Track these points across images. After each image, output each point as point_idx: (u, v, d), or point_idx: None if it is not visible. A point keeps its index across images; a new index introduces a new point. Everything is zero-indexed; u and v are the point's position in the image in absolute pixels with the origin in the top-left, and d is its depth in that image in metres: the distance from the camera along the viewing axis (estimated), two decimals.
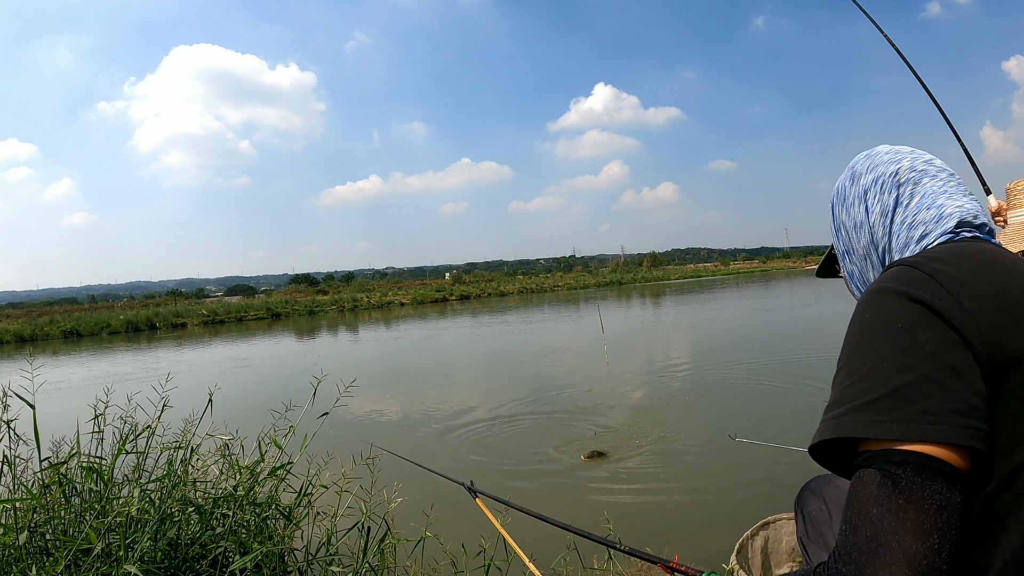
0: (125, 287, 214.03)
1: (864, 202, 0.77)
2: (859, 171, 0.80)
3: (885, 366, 0.51)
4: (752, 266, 79.16)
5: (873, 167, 0.78)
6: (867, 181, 0.78)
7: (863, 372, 0.53)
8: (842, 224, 0.82)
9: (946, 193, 0.72)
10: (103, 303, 48.49)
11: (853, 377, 0.54)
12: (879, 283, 0.59)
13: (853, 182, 0.80)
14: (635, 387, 6.99)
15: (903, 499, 0.46)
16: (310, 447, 2.26)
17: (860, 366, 0.53)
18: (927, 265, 0.58)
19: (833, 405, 0.55)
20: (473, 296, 39.41)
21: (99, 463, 2.07)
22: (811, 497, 1.09)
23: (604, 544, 1.49)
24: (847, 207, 0.80)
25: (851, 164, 0.83)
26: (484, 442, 5.05)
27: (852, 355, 0.55)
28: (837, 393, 0.55)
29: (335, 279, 77.49)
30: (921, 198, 0.72)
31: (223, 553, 1.89)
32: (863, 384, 0.52)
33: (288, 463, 2.23)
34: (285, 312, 33.23)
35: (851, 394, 0.53)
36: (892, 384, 0.50)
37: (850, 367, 0.55)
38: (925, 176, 0.74)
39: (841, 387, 0.55)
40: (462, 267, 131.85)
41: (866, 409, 0.51)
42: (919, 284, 0.55)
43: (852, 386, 0.53)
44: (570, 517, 1.98)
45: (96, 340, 23.60)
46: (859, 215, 0.78)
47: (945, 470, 0.47)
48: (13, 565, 1.62)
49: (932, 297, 0.53)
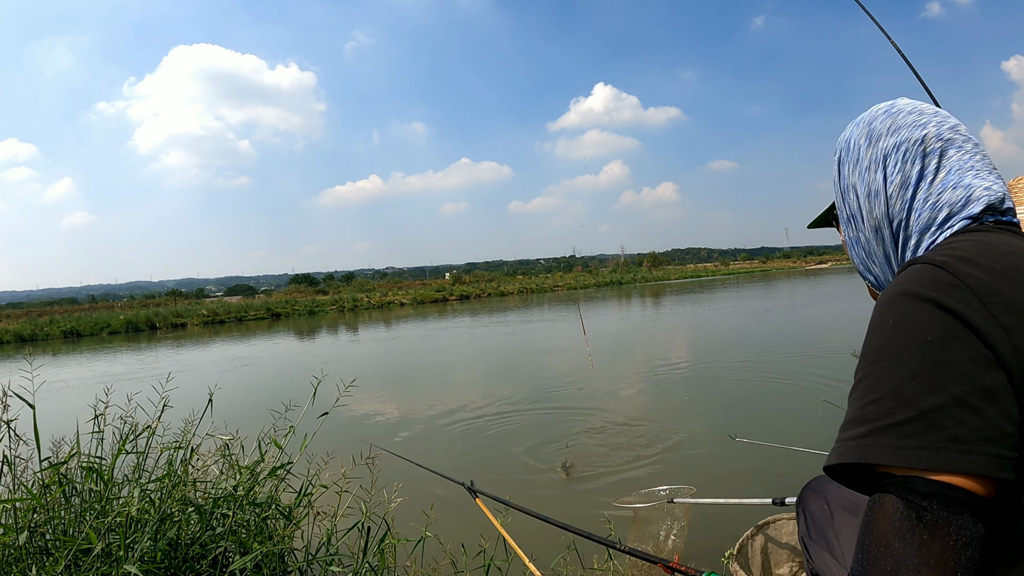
0: (125, 287, 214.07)
1: (883, 169, 0.70)
2: (878, 131, 0.72)
3: (912, 384, 0.47)
4: (752, 266, 79.17)
5: (895, 129, 0.70)
6: (888, 145, 0.70)
7: (886, 388, 0.49)
8: (851, 187, 0.74)
9: (973, 170, 0.66)
10: (103, 303, 48.50)
11: (875, 393, 0.49)
12: (904, 284, 0.54)
13: (870, 143, 0.72)
14: (635, 387, 6.99)
15: (927, 534, 0.44)
16: (310, 447, 2.26)
17: (883, 381, 0.49)
18: (958, 268, 0.52)
19: (853, 423, 0.50)
20: (473, 296, 39.41)
21: (99, 463, 2.07)
22: (813, 496, 1.09)
23: (604, 544, 1.49)
24: (860, 170, 0.73)
25: (867, 119, 0.74)
26: (484, 442, 5.05)
27: (874, 368, 0.51)
28: (857, 409, 0.51)
29: (335, 279, 77.51)
30: (947, 174, 0.66)
31: (223, 553, 1.89)
32: (887, 403, 0.48)
33: (288, 463, 2.23)
34: (285, 312, 33.23)
35: (873, 412, 0.49)
36: (920, 406, 0.46)
37: (872, 381, 0.50)
38: (951, 147, 0.68)
39: (862, 403, 0.50)
40: (462, 267, 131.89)
41: (891, 432, 0.47)
42: (950, 291, 0.50)
43: (875, 404, 0.49)
44: (570, 517, 1.98)
45: (96, 340, 23.60)
46: (875, 182, 0.70)
47: (973, 503, 0.44)
48: (13, 565, 1.62)
49: (964, 308, 0.49)
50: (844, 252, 0.82)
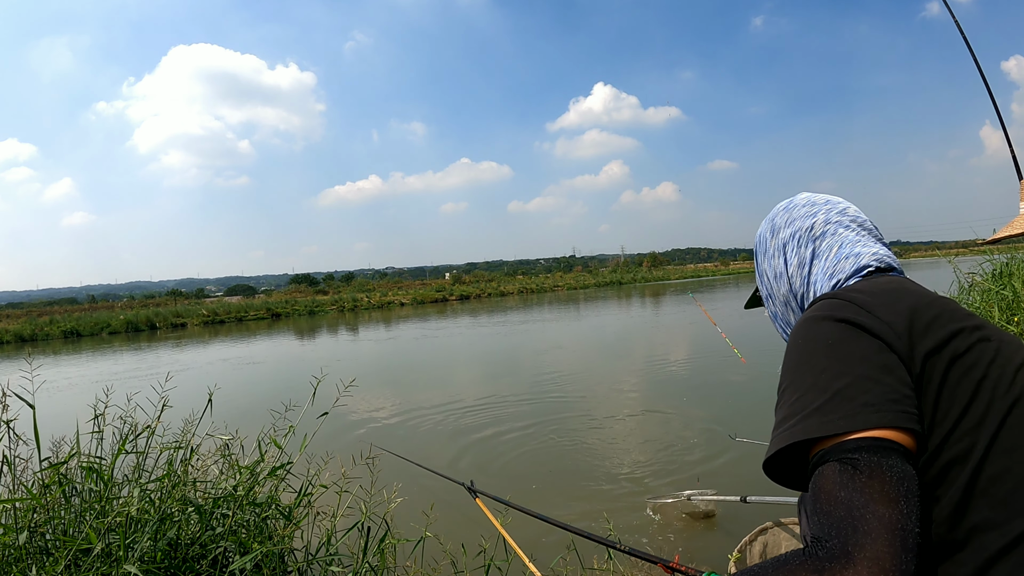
0: (125, 287, 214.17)
1: (783, 255, 0.84)
2: (778, 224, 0.85)
3: (824, 376, 0.57)
4: (752, 266, 79.25)
5: (791, 221, 0.84)
6: (785, 235, 0.84)
7: (805, 386, 0.58)
8: (764, 272, 0.88)
9: (861, 242, 0.79)
10: (103, 303, 48.49)
11: (798, 392, 0.58)
12: (807, 313, 0.66)
13: (773, 235, 0.86)
14: (633, 385, 6.98)
15: (865, 477, 0.50)
16: (310, 447, 2.26)
17: (802, 382, 0.58)
18: (844, 294, 0.66)
19: (783, 420, 0.59)
20: (473, 296, 39.40)
21: (99, 463, 2.07)
22: None
23: (604, 544, 1.49)
24: (767, 258, 0.87)
25: (771, 216, 0.88)
26: (484, 441, 5.05)
27: (794, 375, 0.61)
28: (785, 409, 0.59)
29: (335, 279, 77.49)
30: (840, 248, 0.78)
31: (223, 553, 1.89)
32: (808, 395, 0.57)
33: (288, 463, 2.23)
34: (285, 312, 33.22)
35: (799, 407, 0.57)
36: (833, 388, 0.55)
37: (794, 385, 0.60)
38: (840, 227, 0.80)
39: (788, 404, 0.59)
40: (462, 267, 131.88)
41: (814, 415, 0.55)
42: (840, 308, 0.62)
43: (798, 400, 0.58)
44: (570, 517, 1.98)
45: (96, 340, 23.60)
46: (779, 266, 0.84)
47: (897, 448, 0.52)
48: (13, 565, 1.62)
49: (854, 316, 0.61)
50: None
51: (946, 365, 0.58)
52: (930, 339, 0.59)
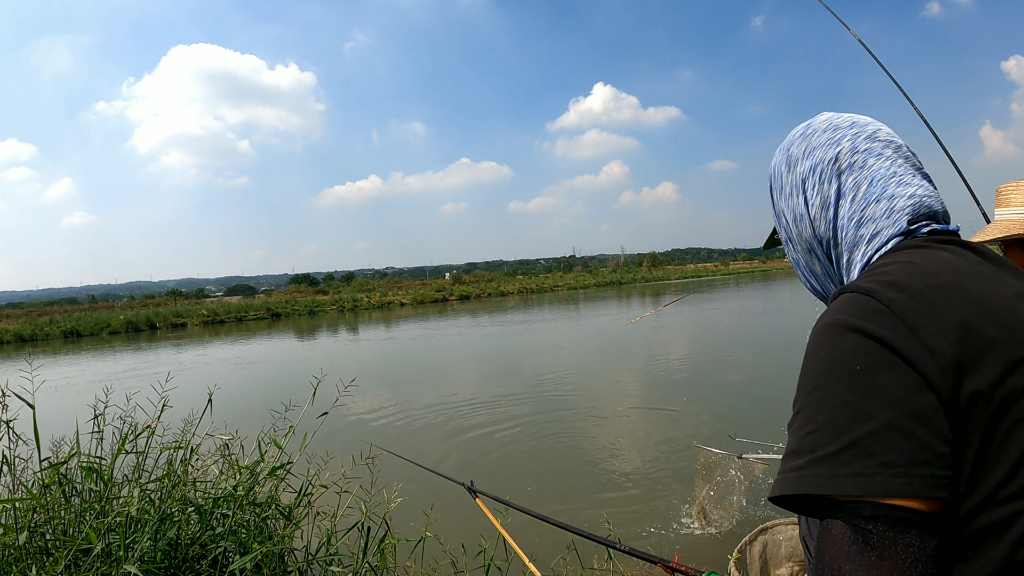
0: (125, 287, 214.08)
1: (802, 193, 0.71)
2: (795, 156, 0.72)
3: (844, 413, 0.49)
4: (752, 266, 79.15)
5: (810, 151, 0.71)
6: (804, 168, 0.71)
7: (821, 419, 0.50)
8: (781, 212, 0.76)
9: (896, 177, 0.66)
10: (103, 303, 48.48)
11: (811, 424, 0.51)
12: (832, 315, 0.55)
13: (789, 169, 0.73)
14: (633, 386, 6.98)
15: (875, 556, 0.45)
16: (310, 447, 2.26)
17: (817, 412, 0.51)
18: (883, 294, 0.53)
19: (792, 455, 0.52)
20: (473, 296, 39.41)
21: (99, 463, 2.07)
22: None
23: (604, 544, 1.49)
24: (784, 196, 0.74)
25: (785, 145, 0.75)
26: (484, 442, 5.05)
27: (808, 399, 0.52)
28: (796, 441, 0.52)
29: (335, 279, 77.49)
30: (869, 186, 0.66)
31: (223, 553, 1.88)
32: (822, 433, 0.50)
33: (288, 463, 2.22)
34: (285, 312, 33.23)
35: (810, 444, 0.50)
36: (852, 434, 0.48)
37: (807, 413, 0.52)
38: (870, 156, 0.67)
39: (799, 435, 0.52)
40: (462, 267, 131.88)
41: (827, 462, 0.48)
42: (875, 317, 0.52)
43: (811, 435, 0.50)
44: (570, 517, 1.98)
45: (96, 340, 23.60)
46: (798, 207, 0.72)
47: (917, 520, 0.45)
48: (13, 565, 1.62)
49: (890, 334, 0.50)
50: None
51: (996, 409, 0.48)
52: (981, 375, 0.48)
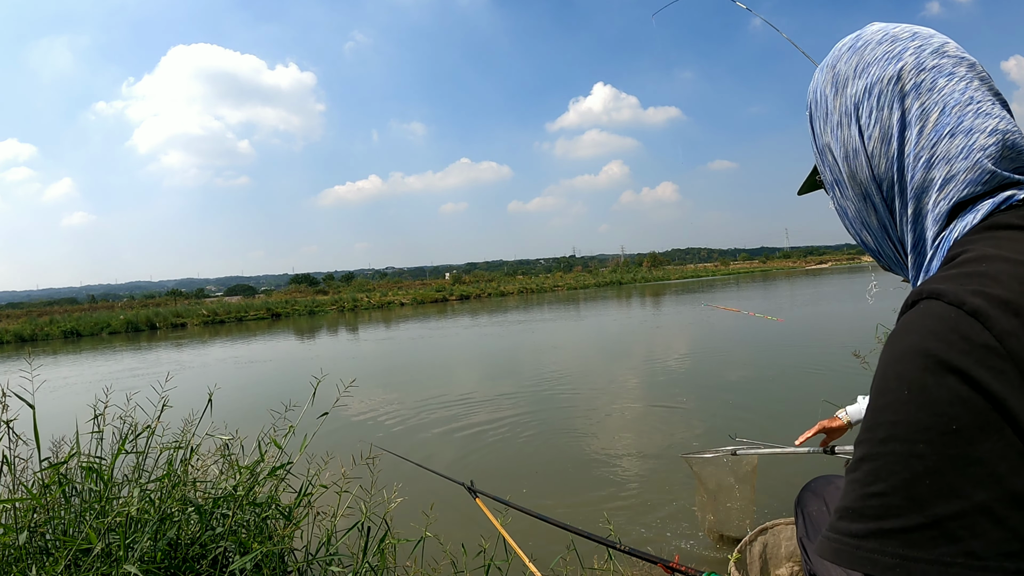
0: (125, 287, 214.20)
1: (856, 121, 0.57)
2: (843, 74, 0.59)
3: (928, 484, 0.39)
4: (752, 266, 79.21)
5: (864, 67, 0.57)
6: (857, 90, 0.57)
7: (895, 482, 0.41)
8: (827, 147, 0.61)
9: (973, 104, 0.53)
10: (103, 303, 48.51)
11: (882, 484, 0.41)
12: (924, 339, 0.43)
13: (836, 91, 0.59)
14: (633, 385, 6.99)
15: None
16: (310, 447, 2.26)
17: (892, 472, 0.41)
18: (997, 321, 0.41)
19: (853, 514, 0.43)
20: (473, 296, 39.41)
21: (99, 463, 2.07)
22: (812, 498, 1.08)
23: (604, 544, 1.49)
24: (832, 126, 0.60)
25: (830, 60, 0.61)
26: (484, 441, 5.05)
27: (882, 448, 0.42)
28: (858, 498, 0.42)
29: (335, 279, 77.56)
30: (940, 115, 0.53)
31: (223, 553, 1.89)
32: (895, 500, 0.40)
33: (288, 463, 2.23)
34: (285, 312, 33.24)
35: (877, 509, 0.41)
36: (934, 512, 0.39)
37: (879, 466, 0.42)
38: (939, 76, 0.54)
39: (864, 491, 0.42)
40: (462, 267, 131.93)
41: (897, 538, 0.40)
42: (985, 359, 0.40)
43: (880, 497, 0.41)
44: (570, 517, 1.98)
45: (96, 340, 23.60)
46: (850, 139, 0.58)
47: None
48: (13, 565, 1.62)
49: (1002, 386, 0.39)
50: (844, 252, 0.72)
51: None
52: None
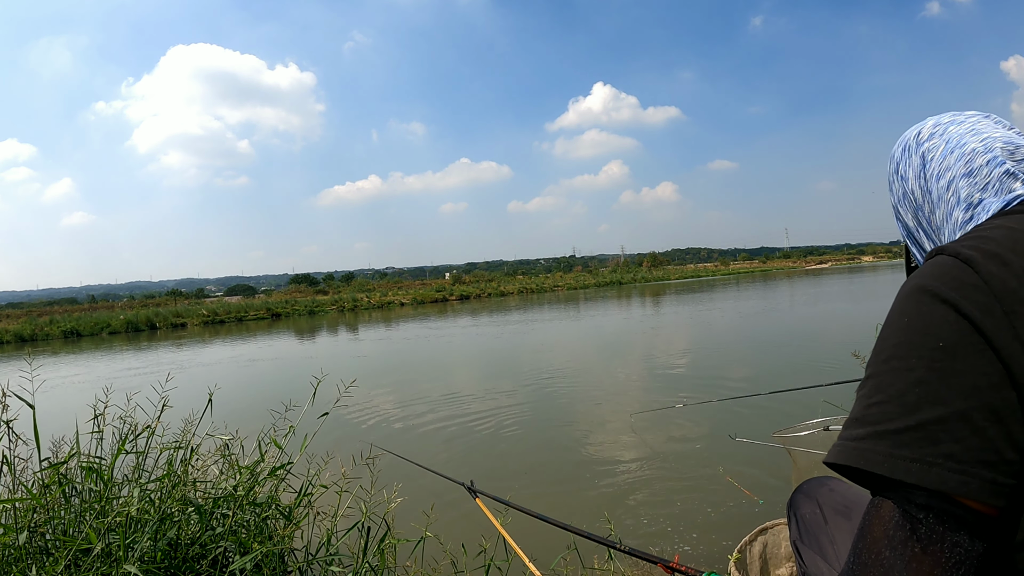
0: (125, 287, 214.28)
1: (898, 174, 0.76)
2: (892, 153, 0.78)
3: (916, 392, 0.46)
4: (752, 266, 79.19)
5: (901, 140, 0.77)
6: (896, 153, 0.76)
7: (891, 392, 0.48)
8: (896, 209, 0.79)
9: (972, 131, 0.68)
10: (103, 303, 48.50)
11: (880, 395, 0.48)
12: (924, 278, 0.51)
13: (890, 165, 0.78)
14: (633, 385, 6.99)
15: (919, 548, 0.43)
16: (310, 447, 2.26)
17: (889, 384, 0.48)
18: (984, 266, 0.49)
19: (855, 422, 0.49)
20: (473, 296, 39.41)
21: (99, 463, 2.07)
22: (804, 500, 1.07)
23: (604, 544, 1.49)
24: (893, 193, 0.78)
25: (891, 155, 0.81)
26: (484, 441, 5.05)
27: (883, 367, 0.49)
28: (861, 409, 0.50)
29: (335, 279, 77.56)
30: (945, 144, 0.69)
31: (223, 553, 1.88)
32: (889, 407, 0.47)
33: (288, 463, 2.23)
34: (285, 312, 33.23)
35: (875, 415, 0.48)
36: (920, 416, 0.45)
37: (878, 381, 0.49)
38: (951, 125, 0.71)
39: (866, 403, 0.49)
40: (462, 267, 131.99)
41: (888, 439, 0.46)
42: (971, 292, 0.47)
43: (878, 406, 0.48)
44: (570, 517, 1.98)
45: (96, 340, 23.60)
46: (898, 188, 0.76)
47: (971, 520, 0.43)
48: (13, 565, 1.62)
49: (983, 315, 0.46)
50: (844, 251, 0.83)
51: None
52: None
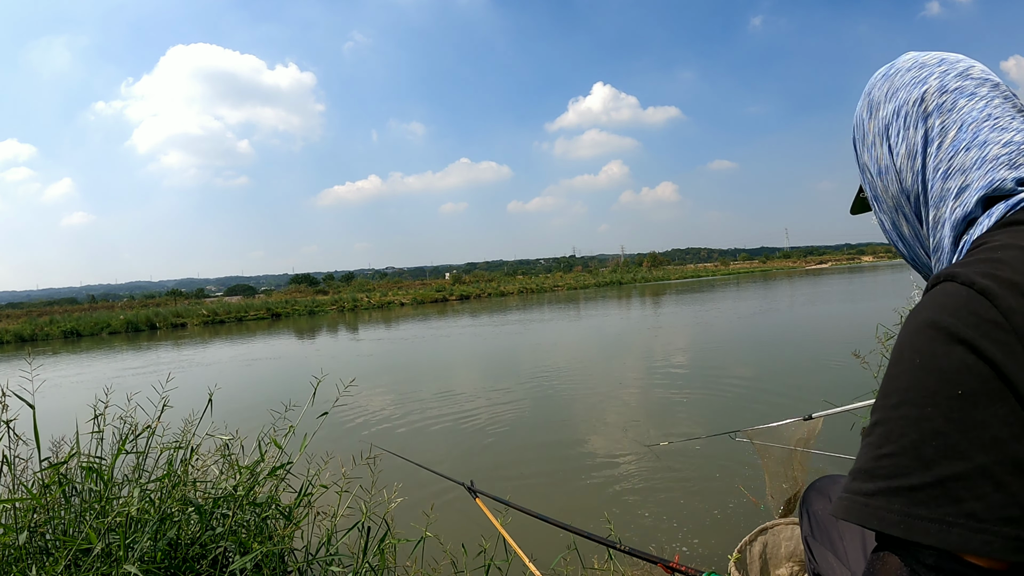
0: (125, 287, 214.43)
1: (886, 140, 0.64)
2: (876, 99, 0.66)
3: (934, 445, 0.42)
4: (752, 266, 79.23)
5: (893, 92, 0.64)
6: (887, 113, 0.64)
7: (904, 443, 0.44)
8: (865, 166, 0.69)
9: (990, 120, 0.58)
10: (103, 303, 48.51)
11: (892, 445, 0.44)
12: (936, 312, 0.46)
13: (871, 114, 0.66)
14: (634, 385, 6.99)
15: None
16: (310, 447, 2.26)
17: (902, 434, 0.44)
18: (1003, 299, 0.44)
19: (864, 474, 0.46)
20: (473, 296, 39.41)
21: (99, 463, 2.07)
22: (817, 497, 1.08)
23: (604, 544, 1.49)
24: (867, 147, 0.67)
25: (868, 89, 0.69)
26: (484, 441, 5.05)
27: (893, 413, 0.45)
28: (870, 460, 0.46)
29: (335, 279, 77.60)
30: (957, 132, 0.58)
31: (223, 553, 1.89)
32: (903, 460, 0.43)
33: (288, 463, 2.23)
34: (285, 312, 33.23)
35: (887, 469, 0.44)
36: (939, 472, 0.42)
37: (889, 429, 0.45)
38: (960, 96, 0.59)
39: (875, 453, 0.45)
40: (462, 267, 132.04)
41: (902, 496, 0.43)
42: (990, 331, 0.43)
43: (890, 458, 0.44)
44: (570, 517, 1.98)
45: (96, 340, 23.60)
46: (882, 157, 0.65)
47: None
48: (13, 565, 1.62)
49: (1006, 357, 0.42)
50: (844, 251, 0.78)
51: None
52: None
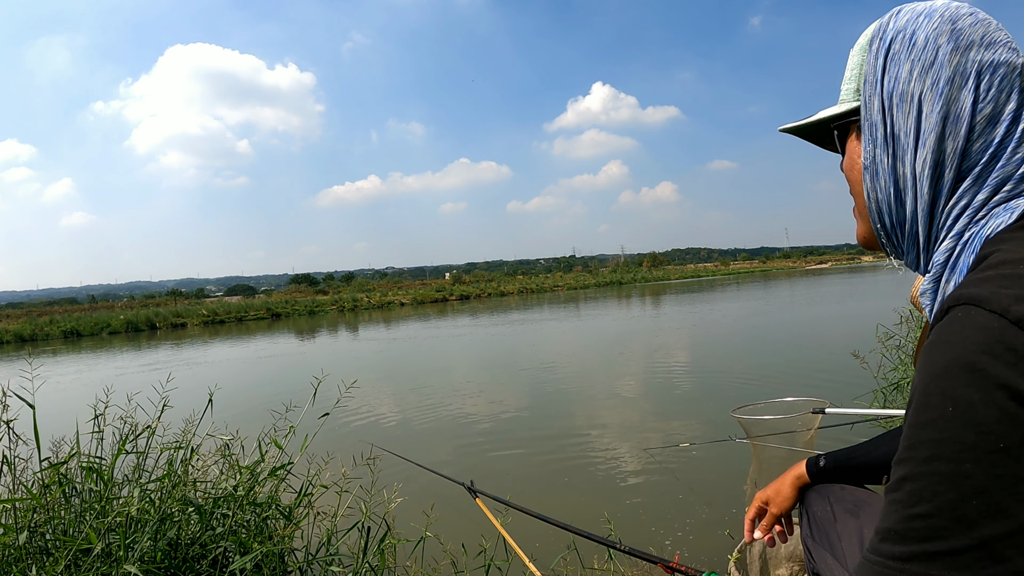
0: (125, 287, 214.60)
1: (974, 89, 0.51)
2: (968, 36, 0.53)
3: (975, 504, 0.38)
4: (752, 266, 79.27)
5: (991, 42, 0.53)
6: (983, 60, 0.52)
7: (941, 503, 0.39)
8: (913, 97, 0.54)
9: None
10: (103, 303, 48.54)
11: (926, 505, 0.40)
12: (966, 348, 0.41)
13: (958, 48, 0.53)
14: (634, 385, 6.99)
15: None
16: (310, 447, 2.26)
17: (936, 492, 0.40)
18: None
19: (895, 536, 0.41)
20: (473, 296, 39.41)
21: (99, 463, 2.07)
22: (816, 498, 1.08)
23: (604, 544, 1.49)
24: (936, 80, 0.53)
25: (947, 14, 0.54)
26: (484, 441, 5.05)
27: (925, 468, 0.40)
28: (901, 520, 0.41)
29: (335, 279, 77.67)
30: None
31: (223, 553, 1.89)
32: (941, 522, 0.39)
33: (288, 463, 2.23)
34: (285, 312, 33.24)
35: (921, 531, 0.40)
36: (981, 533, 0.38)
37: (922, 486, 0.40)
38: None
39: (908, 512, 0.41)
40: (462, 267, 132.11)
41: (942, 561, 0.39)
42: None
43: (925, 520, 0.40)
44: (570, 517, 1.98)
45: (96, 340, 23.60)
46: (961, 103, 0.52)
47: None
48: (13, 565, 1.62)
49: None
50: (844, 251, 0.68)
51: None
52: None
